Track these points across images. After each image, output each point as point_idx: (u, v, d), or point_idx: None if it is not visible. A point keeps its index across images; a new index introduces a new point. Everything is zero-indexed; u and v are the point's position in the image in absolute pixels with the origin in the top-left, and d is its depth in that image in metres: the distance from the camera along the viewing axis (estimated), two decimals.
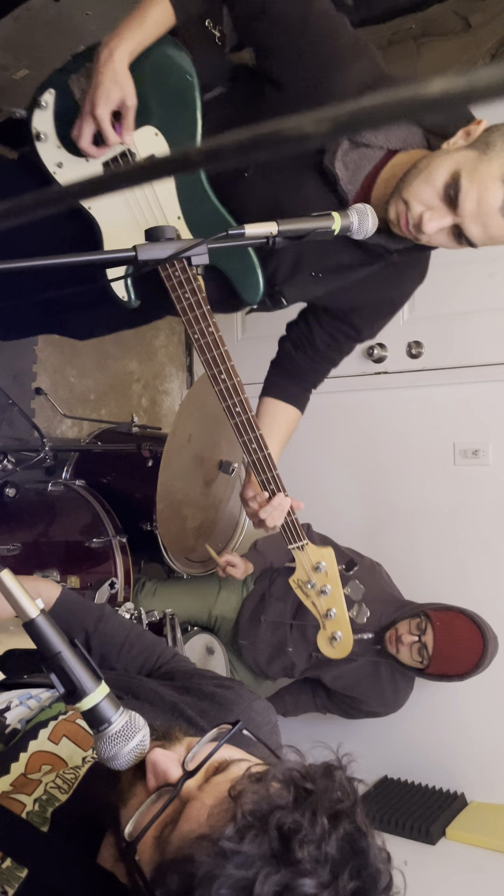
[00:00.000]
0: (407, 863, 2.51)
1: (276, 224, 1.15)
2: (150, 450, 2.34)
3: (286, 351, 1.70)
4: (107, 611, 1.24)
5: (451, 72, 0.30)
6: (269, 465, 1.45)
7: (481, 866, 2.28)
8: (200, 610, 2.63)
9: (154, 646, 1.25)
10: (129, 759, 0.74)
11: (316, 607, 1.46)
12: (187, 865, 0.62)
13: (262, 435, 1.43)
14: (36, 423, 2.58)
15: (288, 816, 0.63)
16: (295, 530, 1.47)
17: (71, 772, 0.88)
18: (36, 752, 0.91)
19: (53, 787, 0.86)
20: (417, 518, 2.84)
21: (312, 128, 0.33)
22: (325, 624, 1.46)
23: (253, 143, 0.35)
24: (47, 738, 0.93)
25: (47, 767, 0.89)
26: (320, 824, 0.63)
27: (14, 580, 0.73)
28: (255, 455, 1.44)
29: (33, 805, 0.84)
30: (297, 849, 0.61)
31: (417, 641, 2.29)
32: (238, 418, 1.42)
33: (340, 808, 0.66)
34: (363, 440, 2.97)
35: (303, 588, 1.46)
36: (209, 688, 1.06)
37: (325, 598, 1.45)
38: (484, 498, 2.72)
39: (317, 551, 1.46)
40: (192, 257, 1.12)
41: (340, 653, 1.46)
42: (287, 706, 2.63)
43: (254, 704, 1.06)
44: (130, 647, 1.22)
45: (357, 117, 0.33)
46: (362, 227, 1.23)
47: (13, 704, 0.99)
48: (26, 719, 0.97)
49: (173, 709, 0.99)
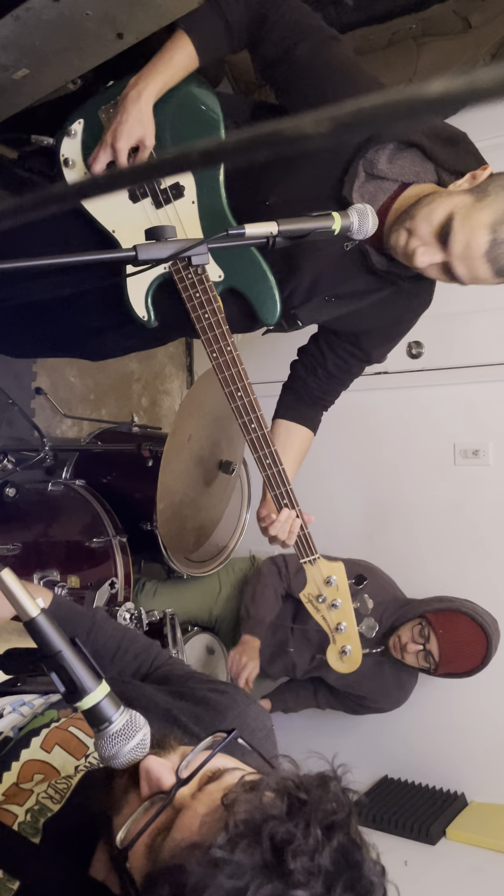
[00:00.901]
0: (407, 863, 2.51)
1: (277, 224, 1.16)
2: (150, 450, 2.34)
3: (298, 375, 1.74)
4: (98, 618, 1.23)
5: (451, 72, 0.30)
6: (282, 481, 1.47)
7: (481, 866, 2.28)
8: (201, 610, 2.63)
9: (148, 650, 1.24)
10: (130, 758, 0.74)
11: (326, 621, 1.47)
12: (178, 874, 0.61)
13: (276, 451, 1.46)
14: (36, 422, 2.58)
15: (281, 827, 0.62)
16: (306, 544, 1.48)
17: (63, 781, 0.87)
18: (28, 760, 0.91)
19: (45, 798, 0.85)
20: (417, 518, 2.84)
21: (312, 128, 0.33)
22: (335, 638, 1.46)
23: (253, 144, 0.35)
24: (39, 746, 0.92)
25: (39, 777, 0.89)
26: (314, 835, 0.62)
27: (14, 579, 0.73)
28: (269, 471, 1.47)
29: (25, 816, 0.83)
30: (290, 860, 0.60)
31: (422, 650, 2.29)
32: (254, 434, 1.46)
33: (335, 820, 0.64)
34: (363, 440, 2.97)
35: (313, 602, 1.46)
36: (203, 693, 1.05)
37: (335, 611, 1.46)
38: (484, 498, 2.72)
39: (328, 566, 1.46)
40: (192, 257, 1.12)
41: (350, 667, 1.46)
42: (288, 702, 2.64)
43: (248, 710, 1.05)
44: (124, 654, 1.21)
45: (357, 118, 0.33)
46: (362, 228, 1.24)
47: (6, 711, 0.99)
48: (19, 726, 0.96)
49: (167, 715, 0.99)
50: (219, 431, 2.32)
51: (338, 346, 1.68)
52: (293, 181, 1.43)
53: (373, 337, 1.66)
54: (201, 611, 2.63)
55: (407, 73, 2.72)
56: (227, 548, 2.58)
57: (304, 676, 2.55)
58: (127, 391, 3.26)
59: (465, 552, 2.74)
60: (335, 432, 3.03)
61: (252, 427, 1.45)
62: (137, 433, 2.57)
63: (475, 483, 2.74)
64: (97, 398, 3.11)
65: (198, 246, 1.11)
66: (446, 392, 2.82)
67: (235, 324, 1.51)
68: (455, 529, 2.78)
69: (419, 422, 2.87)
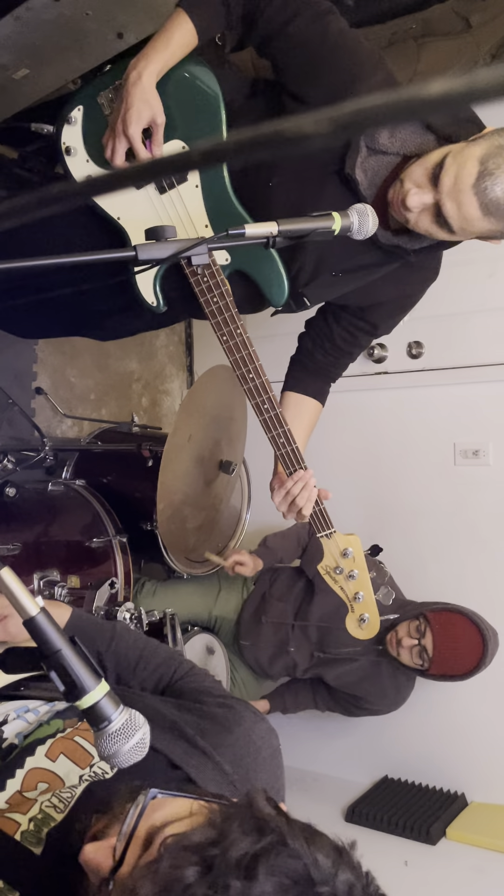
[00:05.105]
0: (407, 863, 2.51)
1: (277, 224, 1.16)
2: (150, 450, 2.34)
3: (305, 347, 1.76)
4: (119, 629, 1.23)
5: (451, 72, 0.30)
6: (297, 459, 1.50)
7: (481, 866, 2.28)
8: (201, 610, 2.63)
9: (170, 660, 1.23)
10: (129, 758, 0.74)
11: (345, 591, 1.51)
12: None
13: (290, 430, 1.49)
14: (36, 422, 2.59)
15: (196, 893, 0.60)
16: (323, 519, 1.52)
17: (67, 791, 0.87)
18: (32, 769, 0.90)
19: (49, 807, 0.85)
20: (417, 518, 2.84)
21: (312, 128, 0.33)
22: (353, 607, 1.51)
23: (253, 144, 0.35)
24: (44, 755, 0.92)
25: (44, 786, 0.88)
26: (233, 886, 0.60)
27: (14, 578, 0.73)
28: (283, 449, 1.50)
29: (28, 824, 0.83)
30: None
31: (417, 644, 2.29)
32: (266, 414, 1.48)
33: (257, 850, 0.62)
34: (363, 440, 2.97)
35: (331, 574, 1.51)
36: (211, 708, 1.05)
37: (353, 582, 1.50)
38: (484, 498, 2.72)
39: (344, 538, 1.51)
40: (192, 257, 1.12)
41: (369, 633, 1.51)
42: (286, 703, 2.64)
43: (255, 727, 1.04)
44: (146, 665, 1.20)
45: (358, 117, 0.33)
46: (362, 228, 1.24)
47: (10, 717, 0.98)
48: (24, 734, 0.96)
49: (172, 727, 0.98)
50: (219, 431, 2.32)
51: (344, 319, 1.68)
52: (296, 162, 1.44)
53: (380, 310, 1.67)
54: (201, 611, 2.63)
55: (407, 73, 2.72)
56: (227, 547, 2.58)
57: (305, 675, 2.55)
58: (127, 391, 3.26)
59: (465, 552, 2.74)
60: (335, 432, 3.04)
61: (265, 407, 1.47)
62: (137, 433, 2.57)
63: (475, 483, 2.74)
64: (97, 398, 3.11)
65: (198, 246, 1.11)
66: (446, 392, 2.82)
67: (244, 306, 1.52)
68: (455, 530, 2.78)
69: (419, 422, 2.87)
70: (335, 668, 2.47)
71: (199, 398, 2.25)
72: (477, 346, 2.76)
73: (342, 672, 2.47)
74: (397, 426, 2.91)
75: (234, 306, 1.44)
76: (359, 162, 1.41)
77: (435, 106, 0.31)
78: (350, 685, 2.50)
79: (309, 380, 1.76)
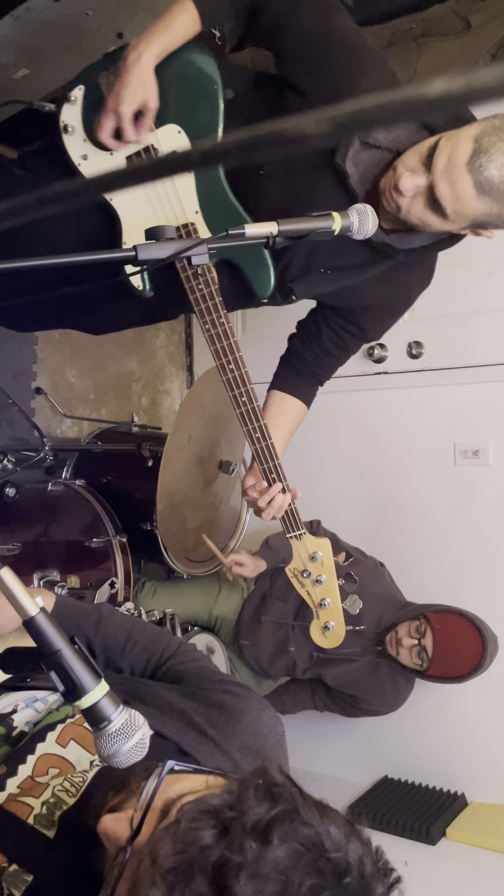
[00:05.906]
0: (407, 863, 2.51)
1: (277, 224, 1.16)
2: (150, 450, 2.34)
3: (295, 347, 1.75)
4: (104, 611, 1.23)
5: (451, 72, 0.30)
6: (271, 455, 1.48)
7: (481, 866, 2.28)
8: (201, 610, 2.63)
9: (158, 639, 1.23)
10: (129, 758, 0.74)
11: (310, 596, 1.47)
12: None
13: (266, 425, 1.47)
14: (36, 422, 2.59)
15: (213, 853, 0.61)
16: (293, 519, 1.49)
17: (79, 776, 0.88)
18: (43, 754, 0.91)
19: (61, 791, 0.85)
20: (418, 518, 2.84)
21: (312, 128, 0.33)
22: (318, 613, 1.47)
23: (253, 144, 0.35)
24: (55, 741, 0.92)
25: (55, 771, 0.89)
26: (248, 847, 0.61)
27: (14, 578, 0.73)
28: (258, 444, 1.48)
29: (41, 808, 0.84)
30: (233, 882, 0.59)
31: (417, 644, 2.29)
32: (244, 407, 1.47)
33: (272, 817, 0.63)
34: (363, 440, 2.97)
35: (298, 577, 1.47)
36: (217, 695, 1.05)
37: (319, 587, 1.46)
38: (484, 498, 2.72)
39: (314, 541, 1.47)
40: (192, 257, 1.12)
41: (332, 642, 1.47)
42: (285, 704, 2.64)
43: (261, 715, 1.05)
44: (134, 645, 1.20)
45: (357, 118, 0.33)
46: (362, 228, 1.24)
47: (20, 707, 0.99)
48: (33, 721, 0.97)
49: (181, 716, 0.98)
50: (219, 431, 2.32)
51: (334, 321, 1.67)
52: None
53: (370, 313, 1.66)
54: (201, 611, 2.63)
55: (407, 73, 2.72)
56: (227, 547, 2.58)
57: (304, 675, 2.55)
58: (127, 391, 3.26)
59: (466, 553, 2.74)
60: (335, 432, 3.04)
61: (242, 400, 1.46)
62: (137, 433, 2.57)
63: (475, 483, 2.74)
64: (97, 398, 3.11)
65: (198, 246, 1.11)
66: (446, 392, 2.82)
67: (230, 298, 1.51)
68: (455, 530, 2.78)
69: (419, 422, 2.87)
70: (334, 668, 2.47)
71: (198, 398, 2.25)
72: (477, 346, 2.76)
73: (341, 672, 2.47)
74: (397, 426, 2.91)
75: (219, 295, 1.42)
76: (350, 154, 1.40)
77: (435, 106, 0.31)
78: (349, 686, 2.50)
79: (295, 380, 1.75)
